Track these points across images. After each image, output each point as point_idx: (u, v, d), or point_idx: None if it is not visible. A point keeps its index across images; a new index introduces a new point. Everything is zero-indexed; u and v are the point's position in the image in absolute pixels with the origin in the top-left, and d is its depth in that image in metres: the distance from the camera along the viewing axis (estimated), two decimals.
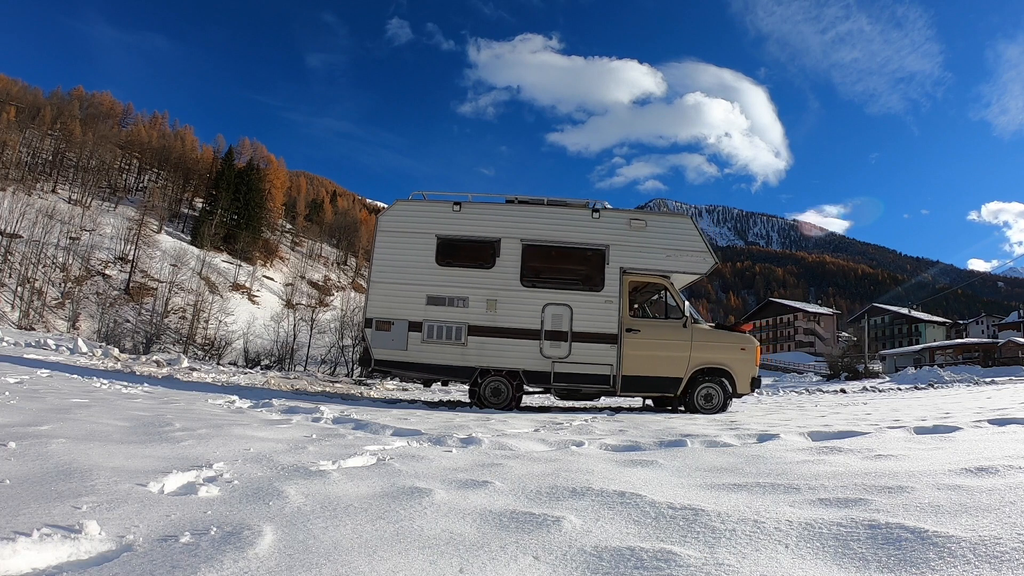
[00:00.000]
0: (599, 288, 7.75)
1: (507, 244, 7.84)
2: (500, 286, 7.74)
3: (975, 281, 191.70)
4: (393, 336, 7.65)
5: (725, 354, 7.77)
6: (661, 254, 7.87)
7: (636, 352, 7.62)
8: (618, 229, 7.91)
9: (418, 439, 3.81)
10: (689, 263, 7.90)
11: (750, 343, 7.92)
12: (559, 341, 7.63)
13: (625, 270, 7.82)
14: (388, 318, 7.71)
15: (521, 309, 7.71)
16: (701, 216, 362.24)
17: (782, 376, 46.50)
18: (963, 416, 5.28)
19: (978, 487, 2.11)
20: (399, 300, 7.76)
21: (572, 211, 8.04)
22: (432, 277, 7.78)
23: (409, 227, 8.00)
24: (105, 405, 4.45)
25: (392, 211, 8.24)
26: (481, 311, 7.69)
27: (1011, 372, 31.33)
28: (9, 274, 42.23)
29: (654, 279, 8.00)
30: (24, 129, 63.26)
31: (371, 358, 7.69)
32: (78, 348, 13.69)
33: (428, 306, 7.69)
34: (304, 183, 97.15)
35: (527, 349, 7.62)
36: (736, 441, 3.82)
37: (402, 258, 7.88)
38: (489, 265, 7.82)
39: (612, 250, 7.84)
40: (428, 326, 7.65)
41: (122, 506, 1.81)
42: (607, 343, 7.62)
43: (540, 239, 7.91)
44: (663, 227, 8.01)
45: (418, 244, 7.88)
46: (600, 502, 2.09)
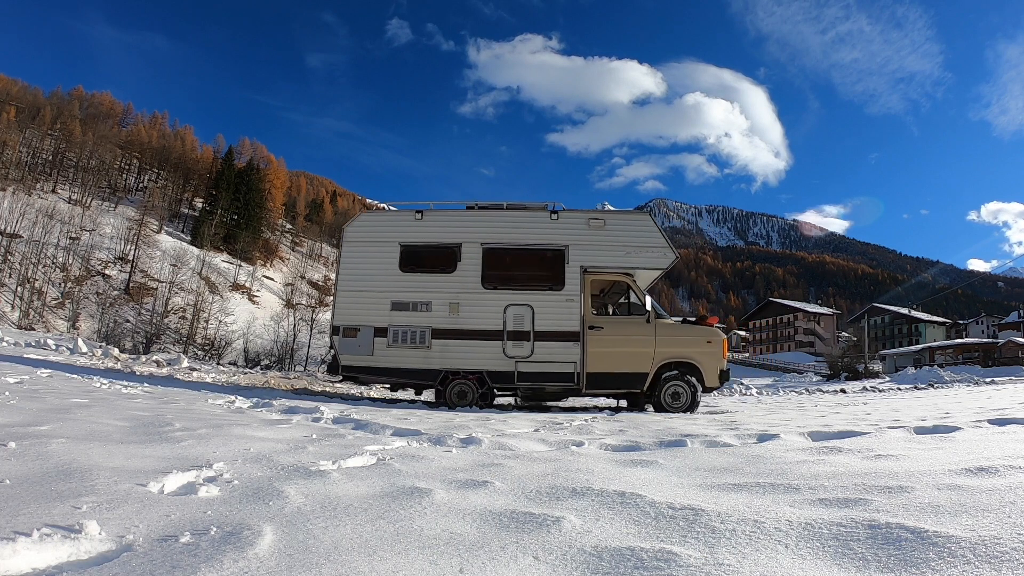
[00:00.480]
0: (560, 287, 7.85)
1: (468, 248, 8.00)
2: (462, 289, 7.90)
3: (975, 281, 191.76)
4: (360, 342, 7.82)
5: (691, 348, 7.82)
6: (621, 251, 7.97)
7: (600, 349, 7.70)
8: (577, 229, 8.04)
9: (418, 439, 3.81)
10: (650, 259, 8.00)
11: (716, 336, 7.93)
12: (522, 341, 7.73)
13: (586, 269, 7.92)
14: (354, 325, 7.88)
15: (483, 311, 7.83)
16: (701, 216, 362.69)
17: (782, 376, 46.49)
18: (963, 416, 5.28)
19: (978, 487, 2.11)
20: (364, 307, 7.94)
21: (531, 214, 8.18)
22: (396, 283, 7.96)
23: (373, 237, 8.22)
24: (105, 405, 4.45)
25: (357, 222, 8.51)
26: (444, 314, 7.83)
27: (1011, 372, 31.35)
28: (9, 274, 42.22)
29: (616, 276, 8.09)
30: (24, 129, 63.26)
31: (339, 364, 7.86)
32: (78, 348, 13.69)
33: (393, 311, 7.86)
34: (304, 183, 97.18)
35: (490, 350, 7.72)
36: (736, 441, 3.82)
37: (367, 267, 8.09)
38: (451, 269, 7.98)
39: (572, 250, 7.95)
40: (393, 331, 7.81)
41: (122, 506, 1.81)
42: (570, 341, 7.71)
43: (500, 242, 8.05)
44: (622, 225, 8.11)
45: (382, 252, 8.07)
46: (600, 502, 2.09)
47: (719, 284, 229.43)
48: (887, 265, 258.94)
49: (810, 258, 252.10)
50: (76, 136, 66.94)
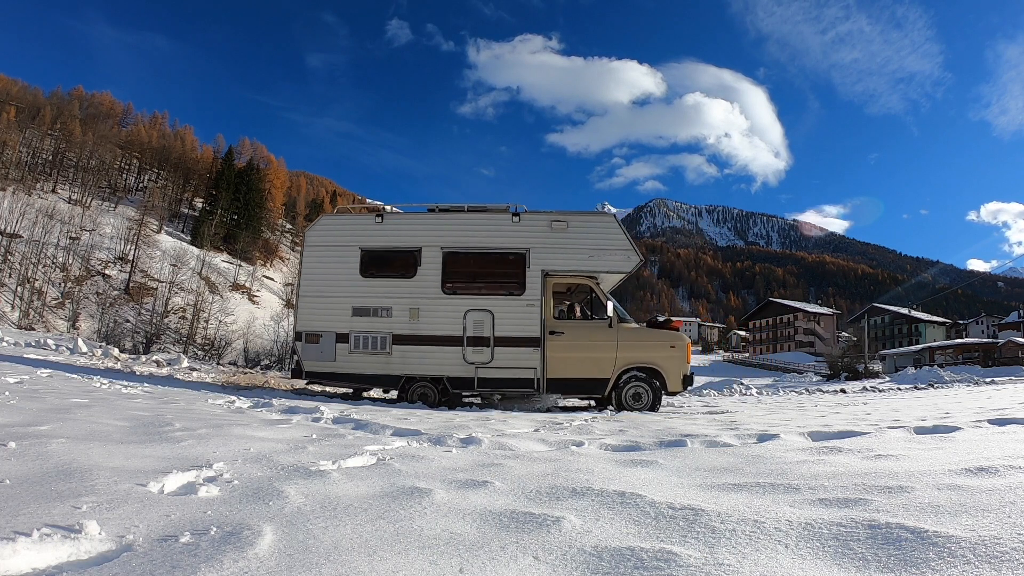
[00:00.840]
0: (520, 292, 7.77)
1: (428, 252, 7.91)
2: (422, 295, 7.82)
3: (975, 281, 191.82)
4: (322, 348, 7.80)
5: (653, 352, 7.73)
6: (584, 254, 7.85)
7: (560, 354, 7.64)
8: (539, 232, 7.91)
9: (418, 439, 3.81)
10: (613, 262, 7.88)
11: (680, 340, 7.86)
12: (481, 347, 7.67)
13: (547, 272, 7.82)
14: (316, 330, 7.86)
15: (443, 316, 7.77)
16: (701, 216, 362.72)
17: (782, 376, 46.50)
18: (963, 416, 5.28)
19: (978, 487, 2.11)
20: (326, 313, 7.89)
21: (492, 216, 8.07)
22: (357, 289, 7.89)
23: (334, 241, 8.14)
24: (105, 405, 4.44)
25: (318, 226, 8.41)
26: (404, 320, 7.78)
27: (1011, 372, 31.33)
28: (9, 274, 42.21)
29: (579, 280, 8.01)
30: (24, 129, 63.24)
31: (302, 369, 7.84)
32: (78, 348, 13.68)
33: (354, 317, 7.81)
34: (304, 183, 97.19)
35: (450, 356, 7.67)
36: (736, 441, 3.82)
37: (328, 272, 8.03)
38: (411, 274, 7.90)
39: (533, 253, 7.83)
40: (354, 337, 7.77)
41: (122, 506, 1.81)
42: (530, 346, 7.63)
43: (460, 246, 7.95)
44: (586, 227, 7.97)
45: (343, 257, 8.01)
46: (600, 502, 2.09)
47: (719, 284, 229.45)
48: (887, 265, 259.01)
49: (810, 258, 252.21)
50: (76, 136, 66.93)
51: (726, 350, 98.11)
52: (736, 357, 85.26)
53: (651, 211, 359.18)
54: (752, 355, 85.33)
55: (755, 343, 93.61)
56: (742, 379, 27.32)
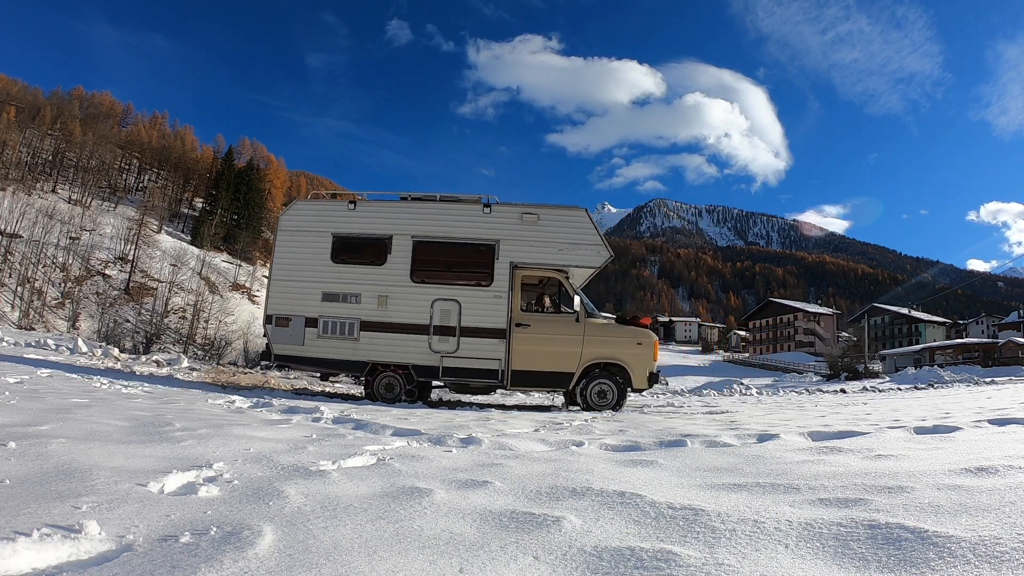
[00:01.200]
0: (488, 283, 7.79)
1: (398, 241, 7.95)
2: (391, 282, 7.86)
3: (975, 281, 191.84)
4: (291, 332, 7.85)
5: (619, 349, 7.73)
6: (554, 248, 7.85)
7: (526, 347, 7.65)
8: (510, 224, 7.92)
9: (418, 439, 3.81)
10: (583, 257, 7.88)
11: (647, 337, 7.85)
12: (448, 336, 7.71)
13: (516, 265, 7.83)
14: (286, 314, 7.91)
15: (411, 305, 7.80)
16: (701, 216, 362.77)
17: (782, 376, 46.53)
18: (963, 416, 5.28)
19: (978, 487, 2.11)
20: (297, 297, 7.94)
21: (463, 207, 8.09)
22: (327, 274, 7.95)
23: (307, 226, 8.17)
24: (105, 405, 4.44)
25: (291, 211, 8.44)
26: (373, 307, 7.82)
27: (1011, 372, 31.35)
28: (9, 274, 42.20)
29: (547, 273, 7.99)
30: (24, 129, 63.23)
31: (271, 352, 7.92)
32: (78, 348, 13.68)
33: (324, 302, 7.86)
34: (304, 183, 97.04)
35: (416, 344, 7.71)
36: (736, 441, 3.82)
37: (300, 256, 8.07)
38: (381, 262, 7.94)
39: (502, 245, 7.84)
40: (323, 322, 7.83)
41: (122, 506, 1.81)
42: (496, 338, 7.66)
43: (431, 235, 7.98)
44: (557, 221, 7.96)
45: (315, 242, 8.06)
46: (600, 502, 2.09)
47: (719, 284, 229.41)
48: (887, 265, 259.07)
49: (810, 258, 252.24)
50: (76, 136, 66.91)
51: (726, 350, 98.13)
52: (736, 357, 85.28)
53: (651, 211, 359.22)
54: (752, 355, 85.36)
55: (755, 343, 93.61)
56: (742, 379, 27.34)
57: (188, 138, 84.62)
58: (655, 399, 12.47)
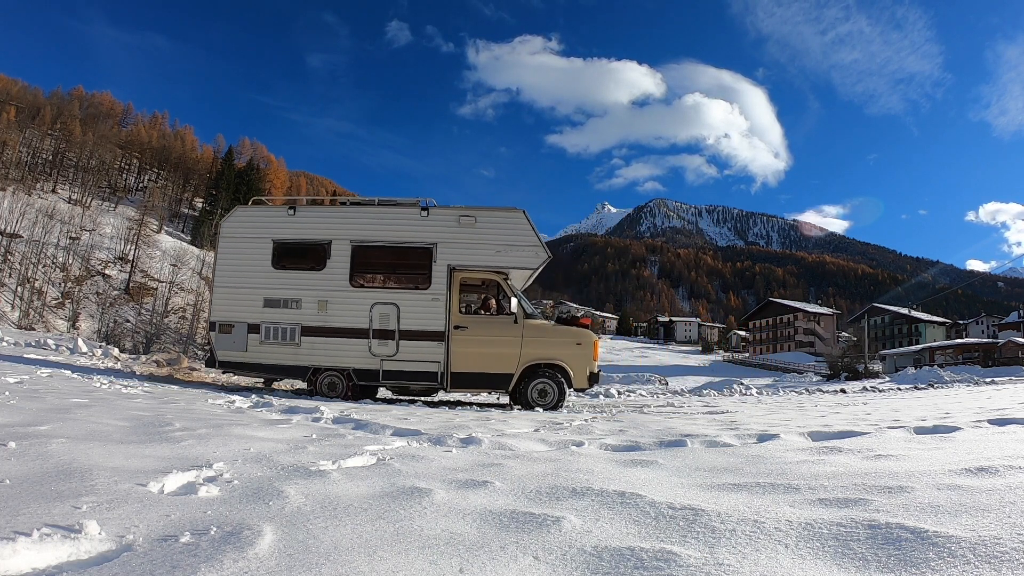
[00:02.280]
0: (426, 286, 7.84)
1: (337, 246, 7.98)
2: (330, 287, 7.91)
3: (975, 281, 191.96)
4: (234, 338, 7.90)
5: (559, 350, 7.79)
6: (491, 250, 7.90)
7: (465, 349, 7.70)
8: (447, 227, 7.96)
9: (418, 439, 3.81)
10: (520, 258, 7.92)
11: (587, 337, 7.90)
12: (387, 340, 7.76)
13: (454, 267, 7.87)
14: (229, 321, 7.96)
15: (350, 309, 7.85)
16: (701, 216, 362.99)
17: (782, 376, 46.53)
18: (963, 416, 5.28)
19: (978, 487, 2.11)
20: (239, 303, 7.99)
21: (401, 210, 8.14)
22: (269, 280, 7.98)
23: (248, 232, 8.21)
24: (105, 405, 4.44)
25: (232, 217, 8.48)
26: (313, 312, 7.88)
27: (1011, 372, 31.37)
28: (9, 274, 42.21)
29: (486, 275, 8.03)
30: (24, 129, 63.25)
31: (216, 359, 7.94)
32: (78, 348, 13.67)
33: (265, 308, 7.91)
34: (304, 183, 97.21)
35: (356, 348, 7.77)
36: (736, 441, 3.82)
37: (241, 262, 8.11)
38: (320, 267, 7.99)
39: (440, 247, 7.89)
40: (265, 327, 7.88)
41: (122, 506, 1.81)
42: (434, 340, 7.71)
43: (369, 239, 8.04)
44: (494, 222, 8.01)
45: (256, 248, 8.08)
46: (600, 502, 2.09)
47: (719, 284, 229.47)
48: (887, 265, 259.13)
49: (810, 258, 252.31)
50: (76, 136, 66.93)
51: (726, 350, 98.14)
52: (736, 357, 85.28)
53: (651, 211, 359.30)
54: (752, 355, 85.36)
55: (755, 343, 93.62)
56: (742, 379, 27.34)
57: (188, 138, 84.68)
58: (655, 399, 12.47)
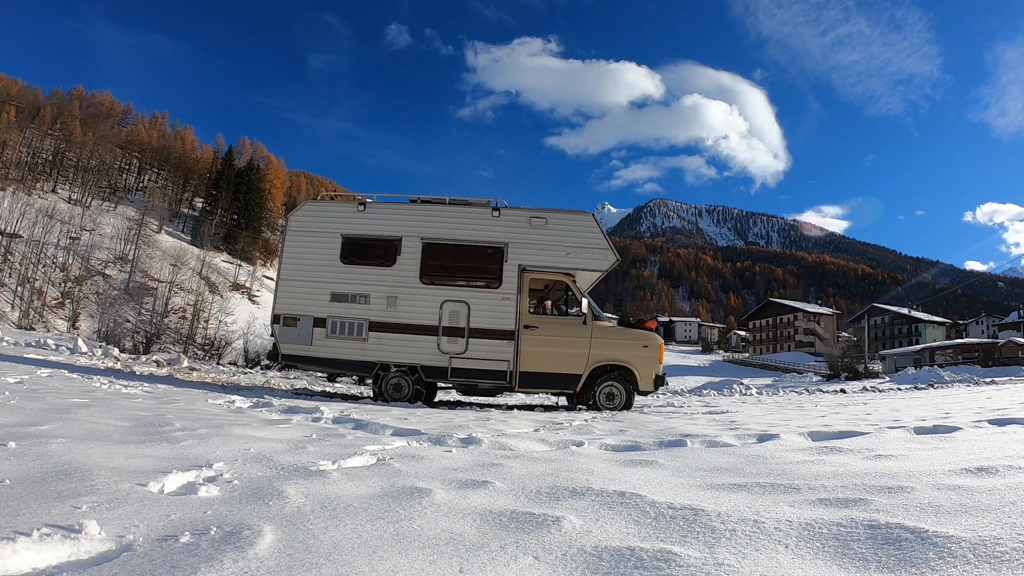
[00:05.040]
0: (497, 285, 7.85)
1: (408, 243, 7.99)
2: (400, 283, 7.90)
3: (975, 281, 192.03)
4: (299, 331, 7.86)
5: (626, 351, 7.82)
6: (562, 251, 7.94)
7: (534, 348, 7.71)
8: (518, 227, 8.00)
9: (418, 439, 3.81)
10: (590, 260, 7.97)
11: (653, 340, 7.95)
12: (456, 337, 7.75)
13: (524, 267, 7.90)
14: (294, 314, 7.93)
15: (420, 306, 7.84)
16: (701, 216, 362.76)
17: (782, 376, 46.51)
18: (963, 416, 5.28)
19: (978, 487, 2.11)
20: (305, 297, 7.97)
21: (472, 210, 8.15)
22: (336, 275, 7.97)
23: (316, 227, 8.21)
24: (105, 405, 4.44)
25: (301, 211, 8.49)
26: (381, 307, 7.85)
27: (1011, 372, 31.35)
28: (9, 274, 42.19)
29: (555, 276, 8.05)
30: (24, 129, 63.23)
31: (278, 352, 7.92)
32: (78, 348, 13.68)
33: (332, 303, 7.89)
34: (304, 183, 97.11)
35: (425, 345, 7.75)
36: (736, 441, 3.82)
37: (309, 256, 8.10)
38: (390, 263, 7.98)
39: (511, 248, 7.92)
40: (332, 322, 7.84)
41: (122, 506, 1.81)
42: (504, 339, 7.71)
43: (440, 237, 8.04)
44: (564, 225, 8.07)
45: (324, 243, 8.08)
46: (600, 502, 2.09)
47: (719, 284, 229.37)
48: (887, 265, 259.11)
49: (810, 258, 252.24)
50: (76, 136, 66.91)
51: (726, 350, 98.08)
52: (736, 357, 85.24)
53: (651, 211, 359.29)
54: (752, 355, 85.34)
55: (755, 343, 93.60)
56: (742, 379, 27.33)
57: (188, 138, 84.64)
58: (655, 399, 12.47)
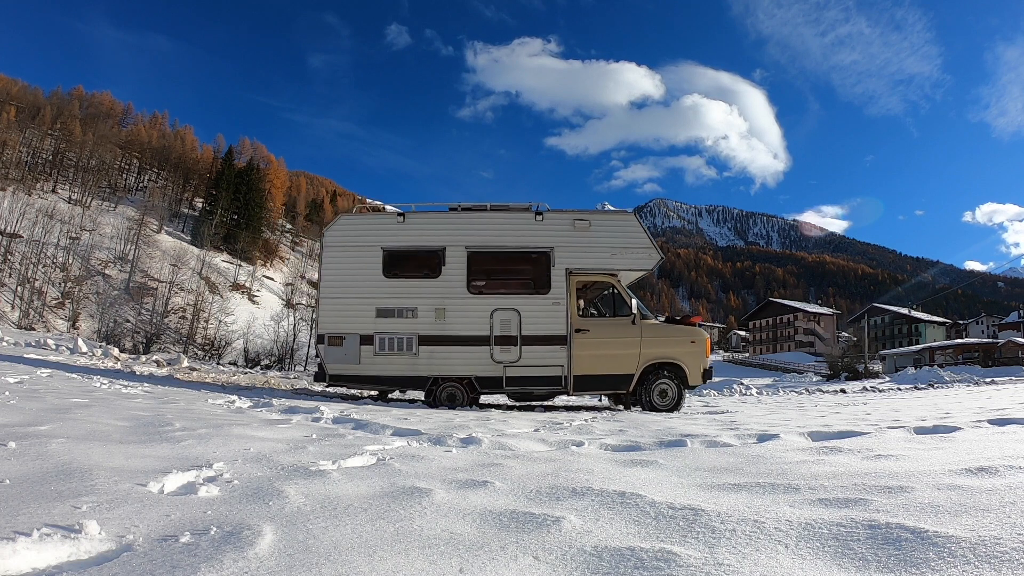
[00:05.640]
0: (546, 290, 7.79)
1: (452, 252, 7.88)
2: (447, 295, 7.79)
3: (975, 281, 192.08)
4: (346, 351, 7.70)
5: (675, 348, 7.84)
6: (607, 252, 7.92)
7: (586, 351, 7.68)
8: (562, 230, 7.95)
9: (418, 439, 3.81)
10: (635, 260, 7.95)
11: (699, 336, 8.01)
12: (509, 346, 7.68)
13: (571, 271, 7.87)
14: (339, 333, 7.75)
15: (469, 316, 7.75)
16: (701, 216, 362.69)
17: (782, 376, 46.50)
18: (963, 416, 5.28)
19: (978, 487, 2.11)
20: (349, 314, 7.80)
21: (515, 215, 8.08)
22: (380, 290, 7.81)
23: (354, 241, 8.03)
24: (105, 405, 4.44)
25: (336, 226, 8.28)
26: (430, 320, 7.72)
27: (1011, 372, 31.36)
28: (9, 274, 42.20)
29: (601, 278, 8.04)
30: (24, 129, 63.22)
31: (325, 372, 7.72)
32: (78, 348, 13.68)
33: (378, 319, 7.73)
34: (304, 183, 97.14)
35: (478, 355, 7.67)
36: (736, 441, 3.82)
37: (349, 272, 7.93)
38: (436, 274, 7.86)
39: (557, 251, 7.87)
40: (379, 338, 7.69)
41: (122, 506, 1.81)
42: (557, 344, 7.68)
43: (484, 245, 7.94)
44: (608, 225, 8.04)
45: (364, 257, 7.91)
46: (600, 502, 2.09)
47: (719, 284, 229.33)
48: (887, 265, 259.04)
49: (810, 258, 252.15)
50: (76, 136, 66.90)
51: (726, 350, 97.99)
52: (736, 357, 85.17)
53: (651, 211, 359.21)
54: (752, 355, 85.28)
55: (755, 343, 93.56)
56: (742, 379, 27.32)
57: (188, 138, 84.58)
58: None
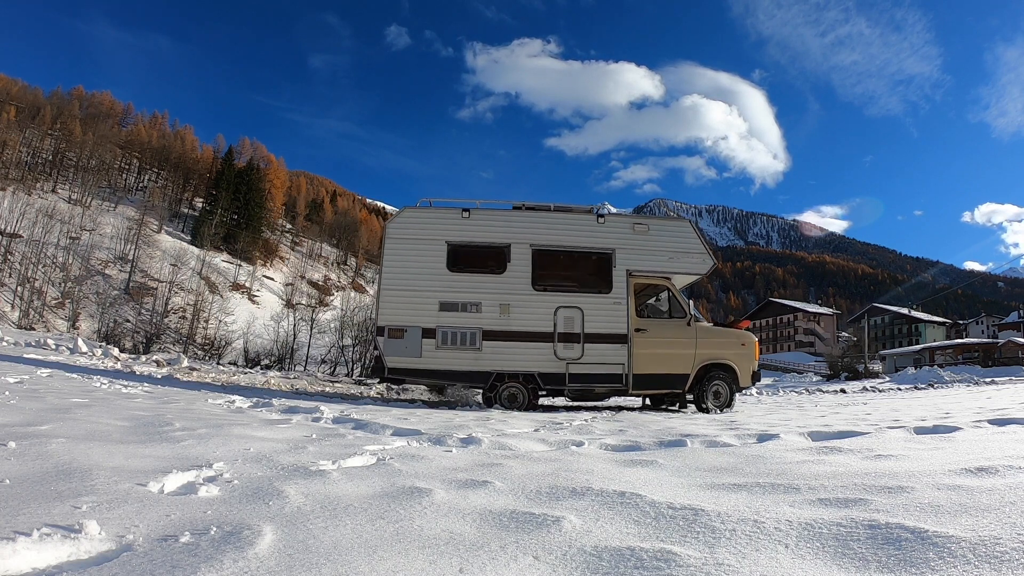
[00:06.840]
0: (608, 290, 7.95)
1: (517, 249, 7.97)
2: (513, 290, 7.86)
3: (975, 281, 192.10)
4: (406, 343, 7.66)
5: (728, 350, 8.10)
6: (664, 256, 8.12)
7: (645, 351, 7.86)
8: (623, 233, 8.16)
9: (418, 439, 3.81)
10: (690, 264, 8.19)
11: (749, 339, 8.31)
12: (572, 343, 7.79)
13: (631, 272, 8.03)
14: (400, 325, 7.72)
15: (534, 313, 7.83)
16: (701, 216, 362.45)
17: (782, 376, 46.46)
18: (963, 416, 5.28)
19: (978, 487, 2.11)
20: (411, 307, 7.78)
21: (578, 216, 8.25)
22: (444, 283, 7.83)
23: (418, 234, 8.04)
24: (105, 405, 4.44)
25: (400, 218, 8.28)
26: (495, 315, 7.77)
27: (1011, 372, 31.35)
28: (9, 274, 42.19)
29: (657, 280, 8.24)
30: (24, 129, 63.20)
31: (384, 366, 7.61)
32: (78, 348, 13.67)
33: (441, 312, 7.74)
34: (304, 183, 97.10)
35: (541, 352, 7.74)
36: (736, 441, 3.82)
37: (413, 265, 7.92)
38: (501, 270, 7.94)
39: (618, 253, 8.05)
40: (442, 332, 7.70)
41: (122, 506, 1.81)
42: (618, 343, 7.82)
43: (549, 244, 8.07)
44: (664, 230, 8.33)
45: (428, 251, 7.93)
46: (600, 502, 2.09)
47: (719, 284, 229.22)
48: (887, 265, 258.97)
49: (810, 258, 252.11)
50: (76, 136, 66.88)
51: None
52: None
53: (651, 211, 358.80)
54: None
55: None
56: None
57: (188, 138, 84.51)
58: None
